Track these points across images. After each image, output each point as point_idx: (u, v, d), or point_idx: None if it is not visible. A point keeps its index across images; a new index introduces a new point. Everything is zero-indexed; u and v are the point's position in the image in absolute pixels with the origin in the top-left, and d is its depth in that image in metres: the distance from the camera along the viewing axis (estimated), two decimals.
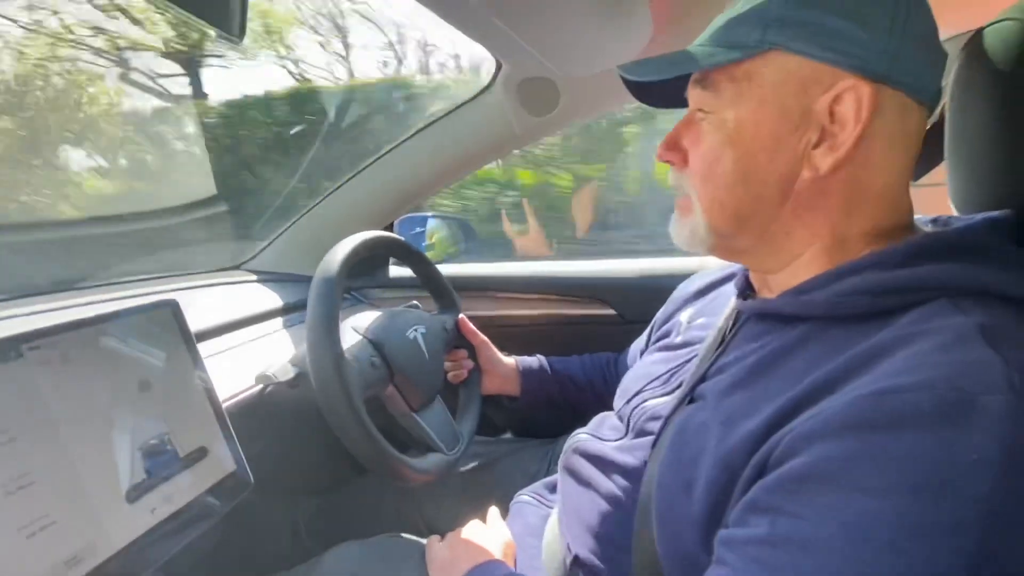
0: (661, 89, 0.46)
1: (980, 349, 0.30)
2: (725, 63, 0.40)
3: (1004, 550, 0.26)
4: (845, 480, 0.29)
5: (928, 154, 0.43)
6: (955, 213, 0.49)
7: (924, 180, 0.47)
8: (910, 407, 0.29)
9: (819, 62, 0.38)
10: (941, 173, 0.50)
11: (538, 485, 0.72)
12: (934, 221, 0.45)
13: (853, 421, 0.30)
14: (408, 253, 0.81)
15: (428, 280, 0.85)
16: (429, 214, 1.21)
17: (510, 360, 0.87)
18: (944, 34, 0.42)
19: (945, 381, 0.29)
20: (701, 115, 0.43)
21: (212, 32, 0.36)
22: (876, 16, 0.37)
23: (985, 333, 0.31)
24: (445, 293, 0.86)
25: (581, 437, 0.64)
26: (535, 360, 0.88)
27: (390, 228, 1.13)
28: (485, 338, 0.86)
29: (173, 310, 0.55)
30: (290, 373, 0.64)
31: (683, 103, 0.47)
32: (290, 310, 0.93)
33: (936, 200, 0.51)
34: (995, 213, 0.41)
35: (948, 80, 0.45)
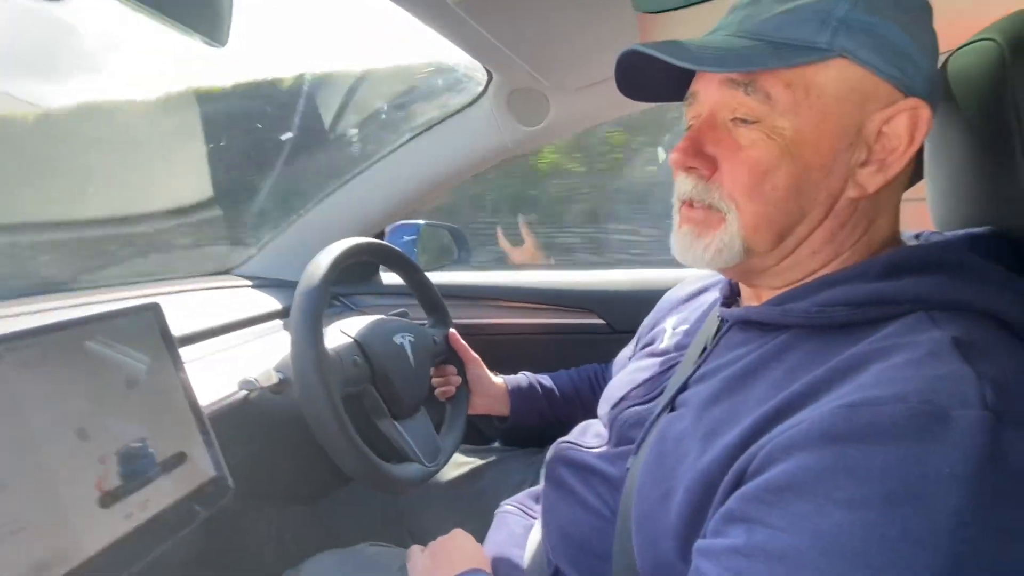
0: (655, 84, 0.43)
1: (953, 363, 0.31)
2: (790, 66, 0.36)
3: (974, 564, 0.26)
4: (819, 491, 0.29)
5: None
6: (935, 229, 0.50)
7: (909, 195, 0.48)
8: (884, 420, 0.29)
9: (882, 78, 0.36)
10: (922, 188, 0.50)
11: (522, 495, 0.72)
12: (917, 236, 0.45)
13: (828, 433, 0.30)
14: (398, 261, 0.81)
15: (418, 290, 0.84)
16: (421, 222, 1.21)
17: (499, 380, 0.86)
18: None
19: (917, 394, 0.29)
20: (738, 120, 0.39)
21: (197, 38, 0.36)
22: (925, 34, 0.37)
23: (960, 347, 0.31)
24: (435, 305, 0.85)
25: (563, 446, 0.64)
26: (524, 379, 0.87)
27: (381, 236, 1.13)
28: (475, 356, 0.85)
29: (155, 314, 0.55)
30: (273, 379, 0.63)
31: (677, 98, 0.44)
32: (277, 315, 0.93)
33: (919, 215, 0.52)
34: (975, 230, 0.42)
35: None
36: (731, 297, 0.51)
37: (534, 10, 0.59)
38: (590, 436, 0.62)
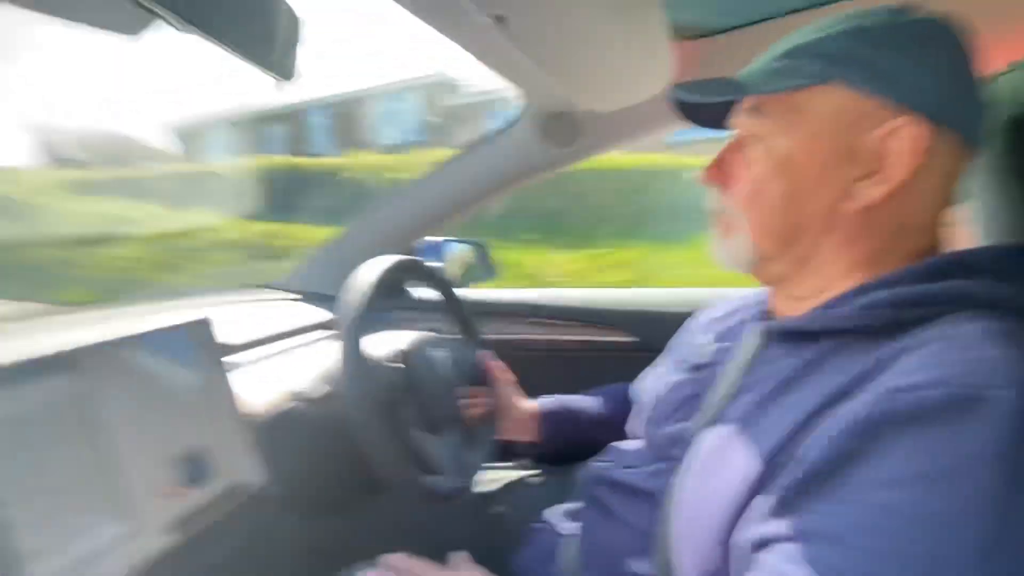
0: (708, 112, 0.48)
1: (995, 348, 0.32)
2: (781, 90, 0.41)
3: (1011, 541, 0.27)
4: (860, 474, 0.31)
5: None
6: None
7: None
8: (924, 403, 0.30)
9: (877, 98, 0.39)
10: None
11: (554, 512, 0.72)
12: None
13: (869, 418, 0.31)
14: (436, 279, 0.82)
15: (453, 310, 0.85)
16: (447, 239, 1.23)
17: (532, 404, 0.86)
18: None
19: (957, 378, 0.30)
20: (752, 141, 0.44)
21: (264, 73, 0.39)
22: (935, 59, 0.39)
23: (1001, 335, 0.33)
24: (467, 324, 0.86)
25: (603, 465, 0.64)
26: (555, 403, 0.87)
27: (409, 252, 1.15)
28: (509, 378, 0.85)
29: (206, 328, 0.58)
30: (321, 390, 0.65)
31: (729, 125, 0.48)
32: (319, 327, 0.95)
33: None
34: (1008, 242, 0.42)
35: None
36: (768, 313, 0.51)
37: (574, 36, 0.61)
38: (630, 456, 0.62)
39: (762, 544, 0.33)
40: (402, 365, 0.69)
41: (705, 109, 0.48)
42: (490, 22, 0.51)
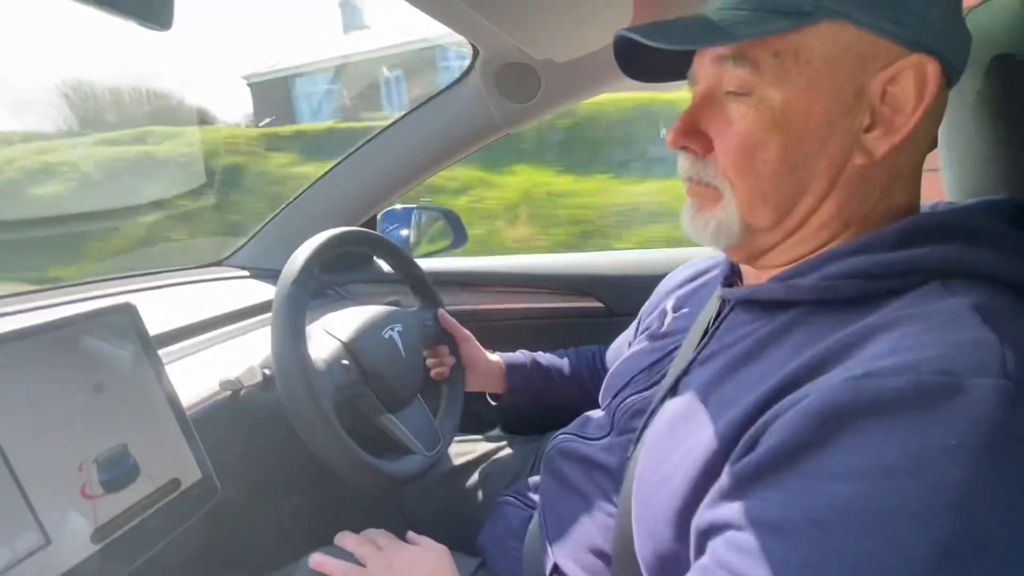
0: (660, 60, 0.41)
1: (974, 329, 0.29)
2: (772, 33, 0.34)
3: (978, 542, 0.25)
4: (816, 464, 0.28)
5: None
6: (949, 199, 0.47)
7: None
8: (889, 391, 0.27)
9: (880, 36, 0.34)
10: (934, 158, 0.47)
11: (521, 485, 0.71)
12: (933, 207, 0.43)
13: (831, 406, 0.28)
14: (380, 246, 0.78)
15: (407, 275, 0.82)
16: (413, 207, 1.18)
17: (495, 357, 0.85)
18: None
19: (929, 363, 0.27)
20: (731, 95, 0.37)
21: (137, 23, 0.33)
22: None
23: (980, 312, 0.29)
24: (424, 288, 0.83)
25: (564, 437, 0.62)
26: (520, 355, 0.86)
27: (373, 222, 1.10)
28: (468, 333, 0.83)
29: (130, 314, 0.53)
30: (257, 376, 0.62)
31: (680, 76, 0.42)
32: (265, 308, 0.91)
33: (930, 186, 0.49)
34: (994, 197, 0.39)
35: None
36: (732, 277, 0.48)
37: None
38: (591, 427, 0.61)
39: (711, 530, 0.32)
40: (347, 362, 0.66)
41: (657, 58, 0.40)
42: None
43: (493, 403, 0.86)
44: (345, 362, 0.65)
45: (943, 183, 0.49)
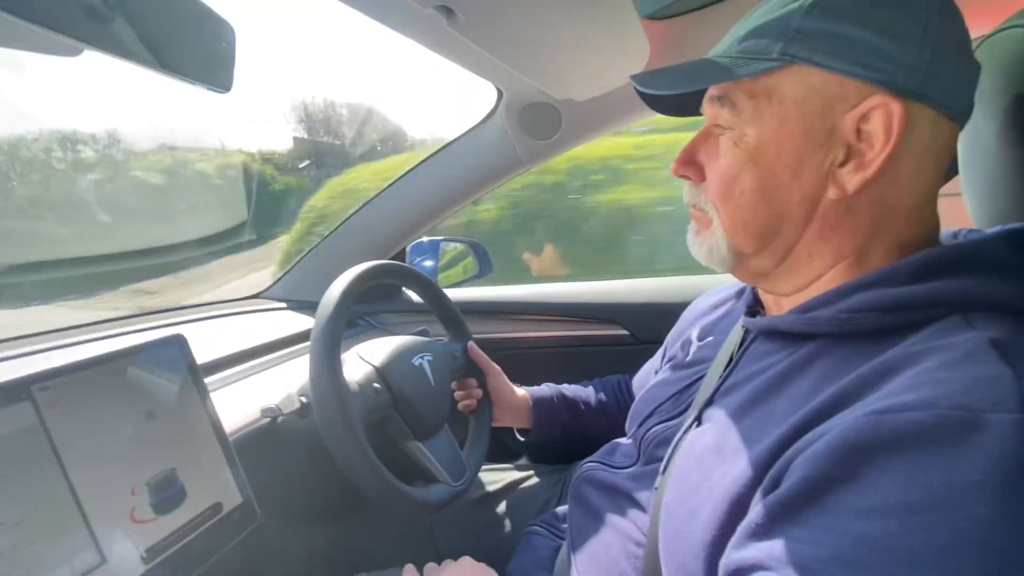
0: (677, 98, 0.45)
1: (991, 364, 0.29)
2: (742, 78, 0.38)
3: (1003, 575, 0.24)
4: (842, 502, 0.28)
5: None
6: (973, 225, 0.47)
7: (946, 189, 0.46)
8: (911, 426, 0.28)
9: (846, 77, 0.36)
10: (956, 183, 0.48)
11: (549, 515, 0.71)
12: (955, 235, 0.43)
13: (853, 442, 0.29)
14: (411, 278, 0.81)
15: (435, 305, 0.85)
16: (441, 238, 1.22)
17: (522, 391, 0.85)
18: None
19: (948, 399, 0.28)
20: (719, 130, 0.41)
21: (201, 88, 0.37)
22: (906, 27, 0.35)
23: (997, 347, 0.30)
24: (453, 319, 0.86)
25: (591, 465, 0.62)
26: (547, 389, 0.86)
27: (402, 254, 1.14)
28: (496, 367, 0.84)
29: (180, 345, 0.56)
30: (295, 404, 0.64)
31: (697, 111, 0.46)
32: (302, 338, 0.95)
33: (958, 210, 0.49)
34: (1013, 225, 0.39)
35: None
36: (754, 307, 0.49)
37: (534, 26, 0.58)
38: (618, 455, 0.61)
39: (741, 571, 0.31)
40: (378, 385, 0.68)
41: (676, 97, 0.45)
42: (437, 15, 0.49)
43: (521, 439, 0.86)
44: (377, 385, 0.67)
45: (967, 208, 0.49)
